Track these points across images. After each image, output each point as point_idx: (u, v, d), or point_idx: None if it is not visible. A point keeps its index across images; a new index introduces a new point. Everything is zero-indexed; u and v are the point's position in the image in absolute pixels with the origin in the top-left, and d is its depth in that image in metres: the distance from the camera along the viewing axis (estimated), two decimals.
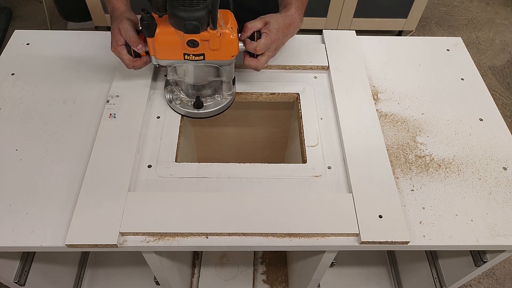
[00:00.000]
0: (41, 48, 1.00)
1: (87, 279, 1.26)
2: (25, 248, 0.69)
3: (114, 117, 0.83)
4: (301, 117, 0.88)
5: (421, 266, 1.10)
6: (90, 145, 0.80)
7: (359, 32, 1.06)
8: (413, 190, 0.77)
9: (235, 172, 0.78)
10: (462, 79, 0.98)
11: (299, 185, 0.77)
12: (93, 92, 0.91)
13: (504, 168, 0.82)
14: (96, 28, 2.32)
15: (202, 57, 0.75)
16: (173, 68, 0.81)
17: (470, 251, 0.87)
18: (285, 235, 0.70)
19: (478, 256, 0.84)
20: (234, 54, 0.76)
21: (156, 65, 0.80)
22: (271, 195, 0.73)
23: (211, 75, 0.82)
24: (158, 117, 0.87)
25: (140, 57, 0.79)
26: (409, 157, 0.83)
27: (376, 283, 1.31)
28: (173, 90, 0.88)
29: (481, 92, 0.96)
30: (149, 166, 0.78)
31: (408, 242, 0.69)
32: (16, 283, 0.88)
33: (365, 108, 0.88)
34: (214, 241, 0.70)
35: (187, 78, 0.83)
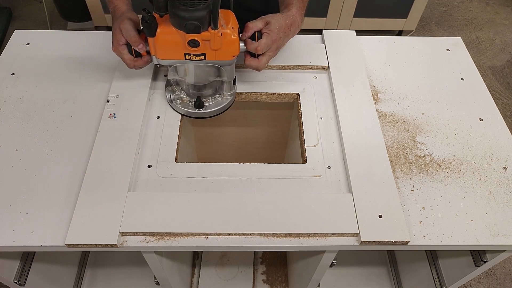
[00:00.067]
0: (41, 48, 1.00)
1: (87, 279, 1.26)
2: (25, 248, 0.69)
3: (114, 117, 0.83)
4: (301, 117, 0.88)
5: (421, 266, 1.10)
6: (90, 145, 0.80)
7: (359, 32, 1.05)
8: (413, 190, 0.78)
9: (235, 172, 0.78)
10: (462, 79, 0.98)
11: (299, 185, 0.77)
12: (93, 92, 0.91)
13: (504, 168, 0.82)
14: (96, 28, 2.32)
15: (203, 57, 0.75)
16: (174, 68, 0.81)
17: (470, 251, 0.87)
18: (285, 235, 0.70)
19: (478, 256, 0.84)
20: (235, 54, 0.76)
21: (157, 65, 0.80)
22: (271, 195, 0.73)
23: (212, 75, 0.82)
24: (158, 117, 0.87)
25: (141, 57, 0.79)
26: (409, 157, 0.83)
27: (376, 283, 1.31)
28: (174, 90, 0.88)
29: (481, 92, 0.96)
30: (149, 166, 0.78)
31: (408, 242, 0.69)
32: (16, 283, 0.88)
33: (365, 108, 0.88)
34: (214, 241, 0.70)
35: (188, 78, 0.83)
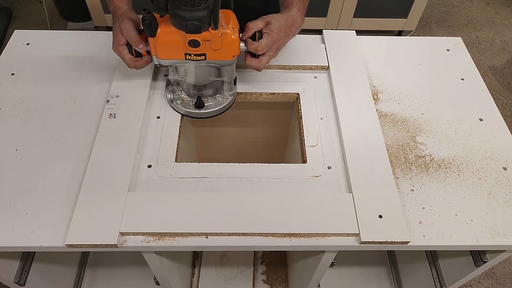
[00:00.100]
0: (41, 48, 1.00)
1: (87, 279, 1.26)
2: (25, 248, 0.69)
3: (114, 117, 0.83)
4: (301, 117, 0.88)
5: (421, 266, 1.10)
6: (90, 145, 0.80)
7: (359, 32, 1.05)
8: (413, 190, 0.77)
9: (235, 172, 0.78)
10: (462, 79, 0.98)
11: (299, 185, 0.77)
12: (93, 92, 0.91)
13: (504, 168, 0.82)
14: (96, 28, 2.32)
15: (204, 57, 0.75)
16: (174, 68, 0.81)
17: (470, 251, 0.87)
18: (285, 235, 0.70)
19: (478, 256, 0.84)
20: (236, 54, 0.76)
21: (157, 65, 0.80)
22: (271, 195, 0.73)
23: (212, 75, 0.82)
24: (158, 117, 0.87)
25: (142, 57, 0.79)
26: (409, 157, 0.83)
27: (376, 283, 1.31)
28: (174, 90, 0.88)
29: (481, 92, 0.96)
30: (149, 166, 0.78)
31: (408, 242, 0.69)
32: (16, 283, 0.88)
33: (365, 108, 0.88)
34: (214, 241, 0.70)
35: (188, 78, 0.83)
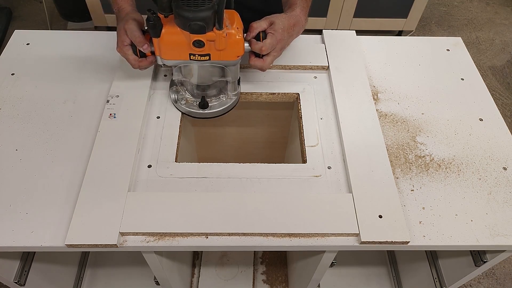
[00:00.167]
0: (41, 48, 1.00)
1: (87, 279, 1.26)
2: (25, 248, 0.69)
3: (114, 117, 0.83)
4: (301, 117, 0.88)
5: (421, 266, 1.10)
6: (90, 145, 0.80)
7: (359, 32, 1.05)
8: (413, 190, 0.77)
9: (235, 172, 0.78)
10: (462, 79, 0.98)
11: (299, 185, 0.77)
12: (93, 92, 0.91)
13: (504, 168, 0.82)
14: (96, 28, 2.32)
15: (208, 57, 0.74)
16: (179, 68, 0.81)
17: (470, 251, 0.87)
18: (285, 235, 0.70)
19: (478, 256, 0.84)
20: (240, 54, 0.76)
21: (162, 65, 0.79)
22: (271, 195, 0.73)
23: (217, 75, 0.82)
24: (158, 117, 0.87)
25: (146, 57, 0.79)
26: (409, 157, 0.83)
27: (376, 283, 1.31)
28: (178, 90, 0.88)
29: (481, 92, 0.96)
30: (149, 166, 0.78)
31: (408, 242, 0.69)
32: (16, 283, 0.88)
33: (365, 108, 0.88)
34: (214, 241, 0.70)
35: (193, 78, 0.83)
